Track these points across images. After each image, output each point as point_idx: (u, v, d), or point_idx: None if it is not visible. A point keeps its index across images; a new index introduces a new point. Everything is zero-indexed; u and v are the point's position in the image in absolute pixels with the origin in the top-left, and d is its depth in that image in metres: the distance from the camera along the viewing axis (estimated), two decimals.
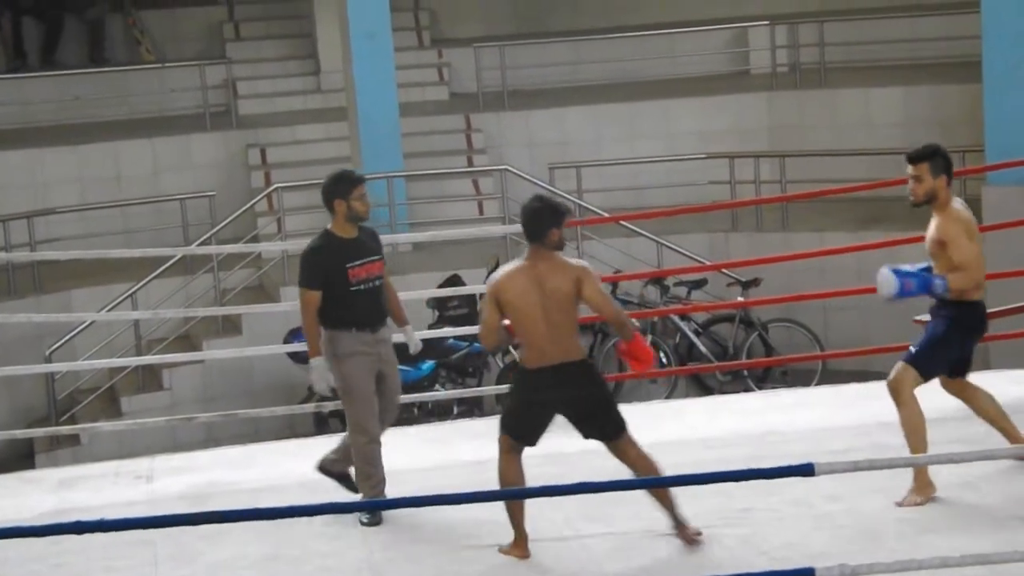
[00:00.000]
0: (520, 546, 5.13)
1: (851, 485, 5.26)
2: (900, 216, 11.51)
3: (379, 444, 5.58)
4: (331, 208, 5.57)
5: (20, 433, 8.87)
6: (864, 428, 6.29)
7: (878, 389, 7.06)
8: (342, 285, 5.50)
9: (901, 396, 5.36)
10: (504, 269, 5.13)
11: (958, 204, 5.46)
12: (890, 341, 8.28)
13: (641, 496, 5.05)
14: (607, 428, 5.12)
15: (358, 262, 5.54)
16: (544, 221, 5.06)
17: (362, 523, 5.53)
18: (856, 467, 4.08)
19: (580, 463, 6.10)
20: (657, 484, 5.00)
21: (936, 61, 13.00)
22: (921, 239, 9.11)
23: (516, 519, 5.12)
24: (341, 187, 5.57)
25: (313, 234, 5.80)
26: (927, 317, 7.09)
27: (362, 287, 5.52)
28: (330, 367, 5.55)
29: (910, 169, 5.37)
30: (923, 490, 5.33)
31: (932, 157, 5.39)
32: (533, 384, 5.08)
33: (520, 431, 5.15)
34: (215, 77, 13.43)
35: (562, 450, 6.41)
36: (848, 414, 6.59)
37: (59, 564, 5.34)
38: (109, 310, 10.20)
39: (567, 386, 5.04)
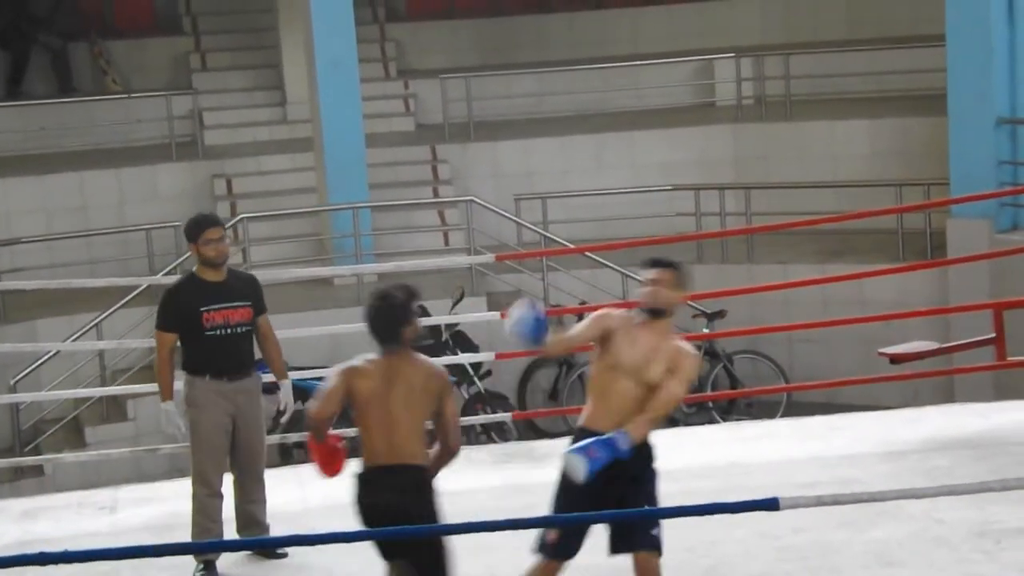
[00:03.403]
0: None
1: (816, 517, 5.29)
2: (865, 248, 11.63)
3: (220, 498, 5.45)
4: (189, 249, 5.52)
5: None
6: (828, 460, 6.33)
7: (842, 421, 7.13)
8: (196, 329, 5.36)
9: None
10: (362, 357, 4.58)
11: None
12: (855, 373, 8.38)
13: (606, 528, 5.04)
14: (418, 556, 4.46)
15: (215, 306, 5.38)
16: (394, 321, 4.48)
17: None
18: (821, 502, 4.11)
19: (546, 495, 6.12)
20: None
21: (902, 94, 13.16)
22: (887, 272, 9.25)
23: None
24: (191, 232, 5.48)
25: (278, 264, 5.79)
26: (895, 349, 7.13)
27: (217, 332, 5.36)
28: (184, 412, 5.43)
29: (653, 273, 4.67)
30: None
31: (678, 268, 4.71)
32: (363, 486, 4.51)
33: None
34: (181, 107, 13.41)
35: (527, 481, 6.43)
36: (813, 446, 6.63)
37: None
38: (74, 340, 10.14)
39: (393, 491, 4.44)
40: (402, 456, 4.47)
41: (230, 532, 5.51)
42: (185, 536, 5.54)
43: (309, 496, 6.27)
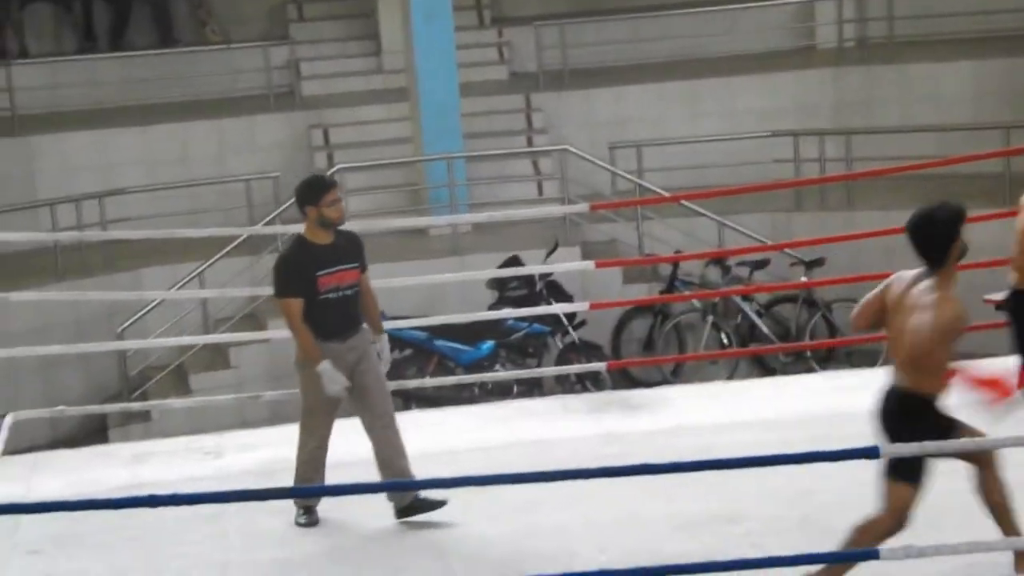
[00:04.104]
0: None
1: None
2: (969, 193, 11.33)
3: (326, 450, 5.49)
4: (304, 214, 5.42)
5: (94, 409, 9.09)
6: None
7: None
8: (311, 294, 5.36)
9: None
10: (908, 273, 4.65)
11: None
12: None
13: (702, 477, 5.03)
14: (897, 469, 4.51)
15: (328, 270, 5.38)
16: (930, 234, 4.53)
17: (298, 524, 5.46)
18: (923, 450, 4.06)
19: (641, 443, 6.14)
20: (715, 467, 4.95)
21: (1010, 33, 12.75)
22: (992, 217, 9.00)
23: None
24: (312, 194, 5.39)
25: (376, 214, 5.78)
26: (1000, 296, 6.93)
27: (331, 296, 5.37)
28: (302, 371, 5.42)
29: None
30: None
31: None
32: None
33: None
34: (279, 58, 13.55)
35: (623, 430, 6.45)
36: None
37: (132, 537, 5.46)
38: (178, 289, 10.37)
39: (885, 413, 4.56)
40: (900, 380, 4.50)
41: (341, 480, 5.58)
42: (288, 481, 5.67)
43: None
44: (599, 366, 8.73)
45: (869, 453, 3.98)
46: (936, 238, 4.49)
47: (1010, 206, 10.48)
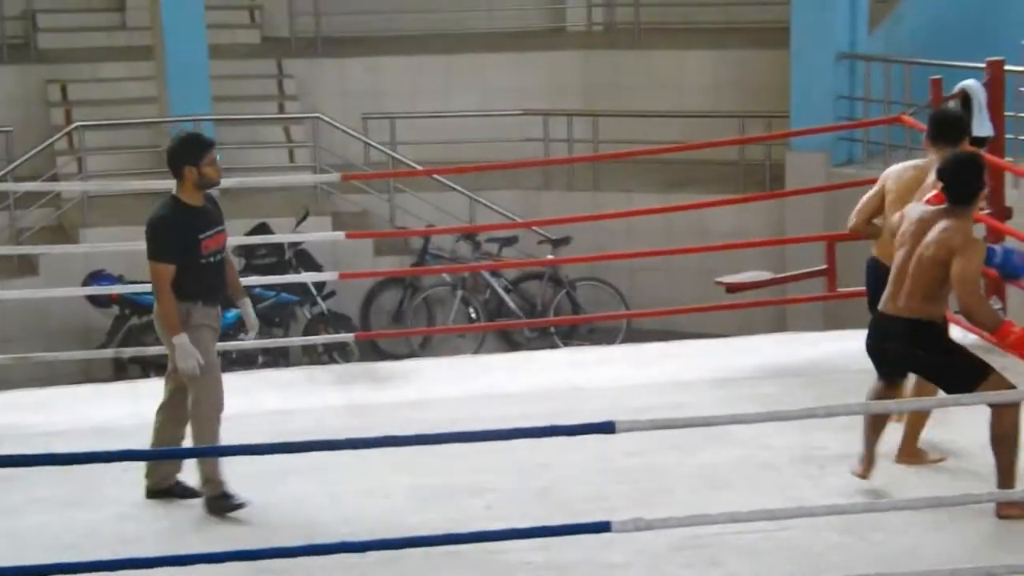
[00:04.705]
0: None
1: (648, 441, 5.40)
2: (707, 179, 11.85)
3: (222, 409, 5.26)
4: (179, 174, 5.16)
5: None
6: (663, 386, 6.48)
7: (678, 348, 7.30)
8: (193, 257, 5.16)
9: None
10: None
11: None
12: (693, 302, 8.56)
13: (446, 449, 5.05)
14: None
15: (208, 233, 5.19)
16: (967, 179, 4.79)
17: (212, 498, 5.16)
18: (655, 425, 4.21)
19: (387, 415, 6.13)
20: (457, 439, 4.99)
21: (747, 26, 13.35)
22: (727, 203, 9.43)
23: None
24: (192, 153, 5.15)
25: (116, 175, 5.55)
26: (731, 279, 7.28)
27: (211, 259, 5.21)
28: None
29: None
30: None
31: None
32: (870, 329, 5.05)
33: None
34: (13, 7, 12.80)
35: (368, 402, 6.43)
36: (648, 372, 6.78)
37: None
38: None
39: (897, 341, 4.92)
40: (902, 309, 4.89)
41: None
42: (13, 449, 5.35)
43: (145, 411, 6.14)
44: (347, 337, 8.68)
45: (606, 428, 4.09)
46: (974, 181, 4.83)
47: (744, 192, 11.07)
